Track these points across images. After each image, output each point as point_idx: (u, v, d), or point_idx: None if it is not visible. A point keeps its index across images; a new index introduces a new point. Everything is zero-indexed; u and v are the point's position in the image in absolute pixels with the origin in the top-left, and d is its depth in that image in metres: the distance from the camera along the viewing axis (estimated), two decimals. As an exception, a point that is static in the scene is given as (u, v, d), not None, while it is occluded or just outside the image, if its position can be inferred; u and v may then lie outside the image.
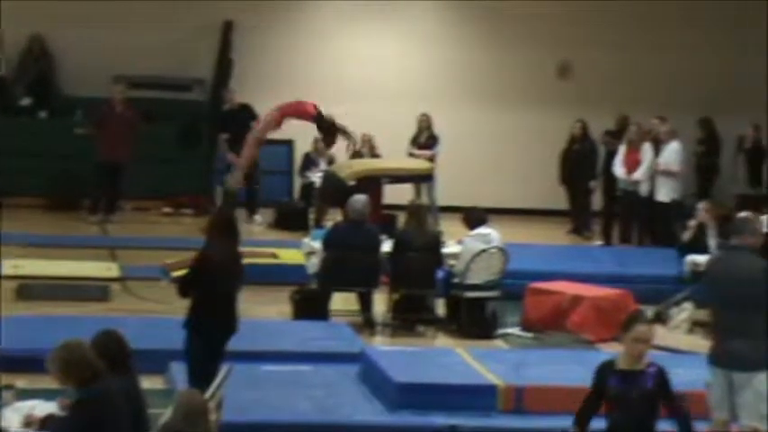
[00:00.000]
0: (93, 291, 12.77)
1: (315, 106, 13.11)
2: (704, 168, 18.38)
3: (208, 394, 7.12)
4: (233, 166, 17.43)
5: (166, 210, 18.00)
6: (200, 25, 18.70)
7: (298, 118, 13.35)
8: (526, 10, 19.50)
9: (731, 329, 7.75)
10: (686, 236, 13.33)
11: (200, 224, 8.65)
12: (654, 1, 19.40)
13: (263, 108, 17.71)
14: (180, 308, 8.58)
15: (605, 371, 6.99)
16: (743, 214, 8.20)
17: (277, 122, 13.21)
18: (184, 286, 8.45)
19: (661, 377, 6.95)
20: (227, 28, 18.66)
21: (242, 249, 8.84)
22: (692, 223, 13.34)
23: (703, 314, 12.31)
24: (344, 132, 13.66)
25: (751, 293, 7.74)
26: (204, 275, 8.29)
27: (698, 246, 13.04)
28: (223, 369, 7.78)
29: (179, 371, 8.95)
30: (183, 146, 18.49)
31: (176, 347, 8.54)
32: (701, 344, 11.69)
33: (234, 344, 8.58)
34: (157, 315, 11.53)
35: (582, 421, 7.00)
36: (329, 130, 13.40)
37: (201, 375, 8.08)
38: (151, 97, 18.49)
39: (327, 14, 19.58)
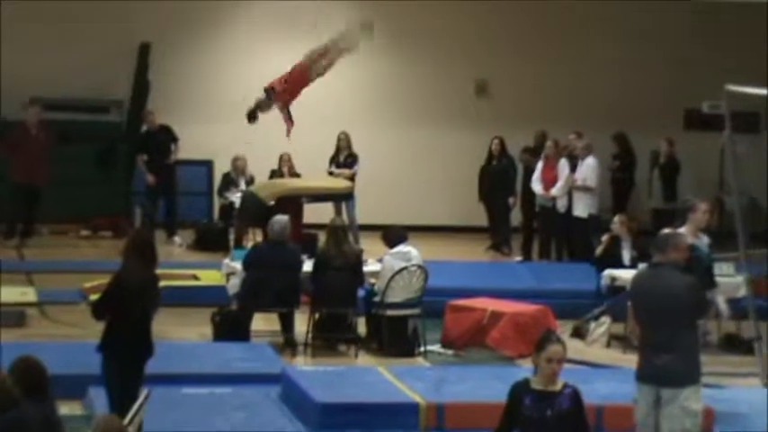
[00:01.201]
0: (9, 316, 12.57)
1: (280, 85, 13.07)
2: (619, 183, 18.63)
3: (127, 418, 7.06)
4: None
5: (84, 232, 17.83)
6: (117, 47, 18.59)
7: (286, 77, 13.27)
8: (443, 29, 19.65)
9: (658, 346, 7.79)
10: (598, 250, 13.48)
11: (118, 246, 8.59)
12: (569, 18, 19.65)
13: (182, 129, 17.72)
14: (98, 332, 8.50)
15: (520, 390, 6.96)
16: (666, 230, 8.25)
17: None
18: (98, 309, 8.37)
19: (577, 399, 6.95)
20: (144, 49, 18.57)
21: (161, 271, 8.78)
22: (604, 237, 13.50)
23: (621, 328, 12.50)
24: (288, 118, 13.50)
25: (677, 310, 7.80)
26: (119, 298, 8.23)
27: (611, 259, 13.19)
28: (142, 392, 7.72)
29: (98, 396, 8.87)
30: (101, 168, 18.37)
31: (95, 372, 8.46)
32: (620, 357, 11.88)
33: (153, 366, 8.51)
34: (76, 340, 11.41)
35: None
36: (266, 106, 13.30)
37: (120, 399, 8.02)
38: (68, 119, 18.35)
39: (244, 34, 19.57)
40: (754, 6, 18.23)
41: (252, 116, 13.79)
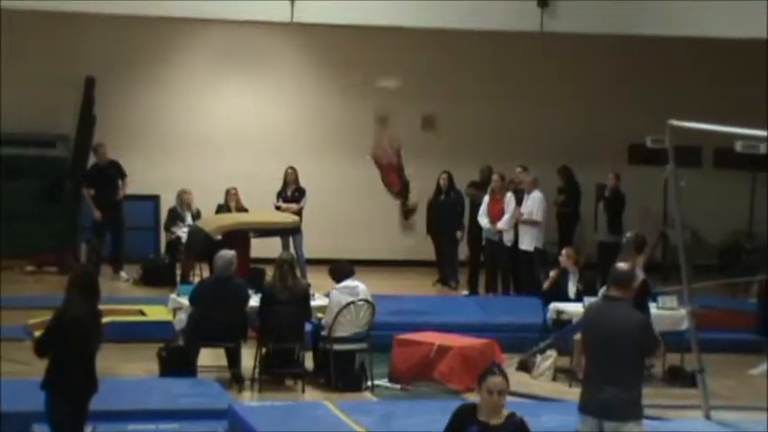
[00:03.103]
0: (-47, 353, 12.44)
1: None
2: (565, 216, 18.77)
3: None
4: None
5: (29, 268, 17.69)
6: (62, 81, 18.52)
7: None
8: (390, 65, 19.75)
9: (605, 379, 7.85)
10: (546, 283, 13.57)
11: (64, 282, 8.53)
12: (515, 55, 19.81)
13: (128, 164, 17.66)
14: (44, 369, 8.43)
15: (465, 415, 6.97)
16: (622, 265, 8.30)
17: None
18: (41, 345, 8.30)
19: (522, 423, 6.98)
20: (90, 83, 18.51)
21: (107, 307, 8.73)
22: (553, 272, 13.56)
23: (567, 361, 12.57)
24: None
25: (628, 345, 7.87)
26: (61, 334, 8.17)
27: (558, 292, 13.27)
28: (87, 429, 7.68)
29: (42, 433, 8.80)
30: (46, 203, 18.25)
31: (39, 409, 8.39)
32: (565, 390, 11.93)
33: (99, 403, 8.45)
34: (21, 377, 11.28)
35: None
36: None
37: (65, 437, 7.96)
38: (14, 154, 18.25)
39: (190, 70, 19.58)
40: (696, 42, 18.50)
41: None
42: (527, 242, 16.45)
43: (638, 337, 7.93)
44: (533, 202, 16.50)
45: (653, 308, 12.48)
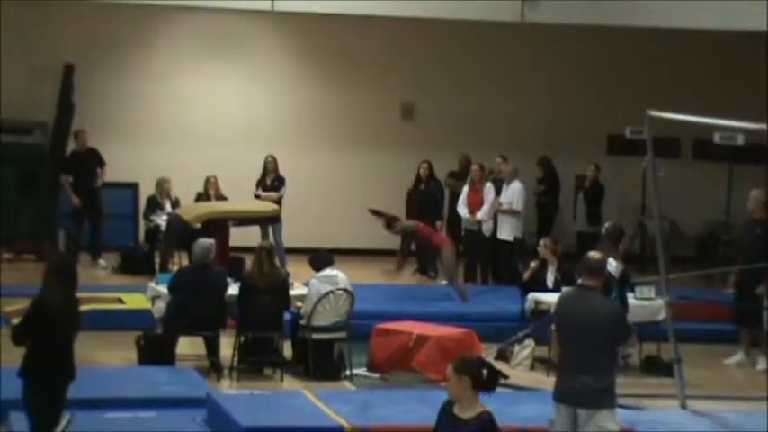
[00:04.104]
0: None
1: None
2: (544, 207, 18.83)
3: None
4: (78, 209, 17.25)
5: (7, 256, 17.64)
6: (40, 68, 18.45)
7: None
8: (370, 54, 19.76)
9: (578, 367, 7.91)
10: (526, 274, 13.60)
11: (42, 270, 8.52)
12: (495, 44, 19.82)
13: (107, 151, 17.61)
14: (20, 356, 8.42)
15: (443, 411, 7.01)
16: (593, 254, 8.31)
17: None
18: (18, 334, 8.29)
19: (489, 425, 6.90)
20: (68, 71, 18.44)
21: (85, 295, 8.72)
22: (533, 264, 13.57)
23: (545, 351, 12.61)
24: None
25: (601, 334, 7.92)
26: (39, 322, 8.16)
27: (538, 282, 13.30)
28: (65, 417, 7.67)
29: (19, 420, 8.79)
30: (25, 190, 18.19)
31: (16, 397, 8.39)
32: (543, 380, 11.98)
33: (76, 391, 8.45)
34: (-3, 364, 11.28)
35: None
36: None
37: (42, 424, 7.96)
38: (-9, 141, 18.17)
39: (170, 57, 19.52)
40: (675, 33, 18.54)
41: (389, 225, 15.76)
42: (506, 232, 16.47)
43: (610, 326, 7.98)
44: (513, 193, 16.53)
45: (630, 298, 12.53)
